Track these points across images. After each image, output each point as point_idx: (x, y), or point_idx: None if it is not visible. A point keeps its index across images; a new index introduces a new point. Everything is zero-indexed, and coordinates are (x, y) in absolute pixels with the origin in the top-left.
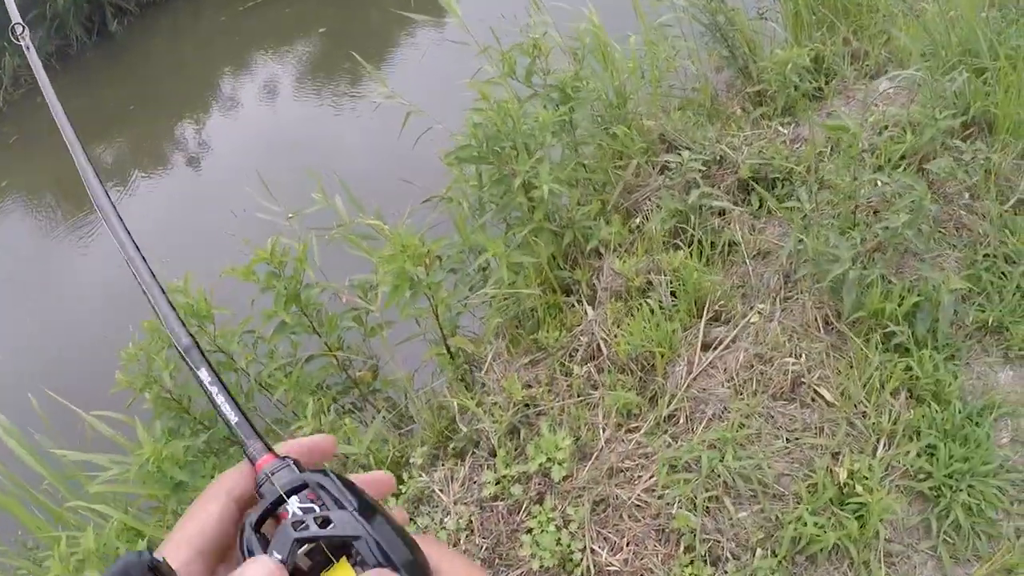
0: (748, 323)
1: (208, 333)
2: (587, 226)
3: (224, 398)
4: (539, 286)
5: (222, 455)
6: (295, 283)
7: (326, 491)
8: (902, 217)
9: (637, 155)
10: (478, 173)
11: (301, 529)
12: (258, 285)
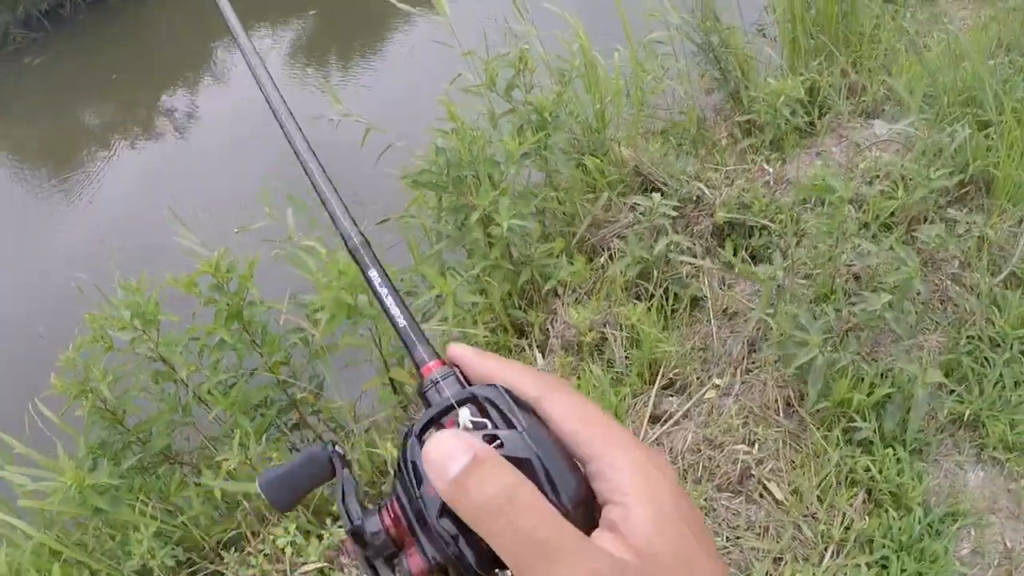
0: (703, 397)
1: (151, 339)
2: (546, 264)
3: (393, 300)
4: (490, 323)
5: (150, 474)
6: (238, 300)
7: (496, 407)
8: (884, 298)
9: (608, 188)
10: (438, 198)
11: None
12: (199, 299)
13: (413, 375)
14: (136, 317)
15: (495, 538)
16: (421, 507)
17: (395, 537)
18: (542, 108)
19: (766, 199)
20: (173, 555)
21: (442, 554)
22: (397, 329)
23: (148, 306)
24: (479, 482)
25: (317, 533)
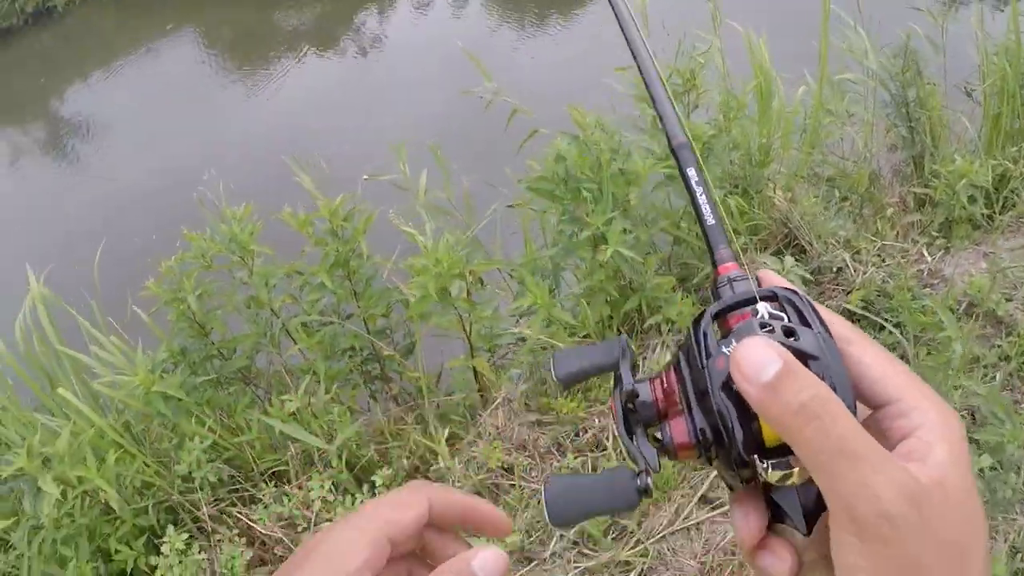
0: None
1: (247, 265)
2: (657, 297)
3: (705, 200)
4: (583, 341)
5: (223, 388)
6: (348, 249)
7: (795, 308)
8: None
9: (749, 233)
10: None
11: (767, 331)
12: (311, 239)
13: (494, 365)
14: (233, 243)
15: (803, 441)
16: (706, 378)
17: (661, 409)
18: (699, 134)
19: (910, 294)
20: (218, 471)
21: (712, 428)
22: (704, 226)
23: (243, 236)
24: (793, 389)
25: (352, 492)
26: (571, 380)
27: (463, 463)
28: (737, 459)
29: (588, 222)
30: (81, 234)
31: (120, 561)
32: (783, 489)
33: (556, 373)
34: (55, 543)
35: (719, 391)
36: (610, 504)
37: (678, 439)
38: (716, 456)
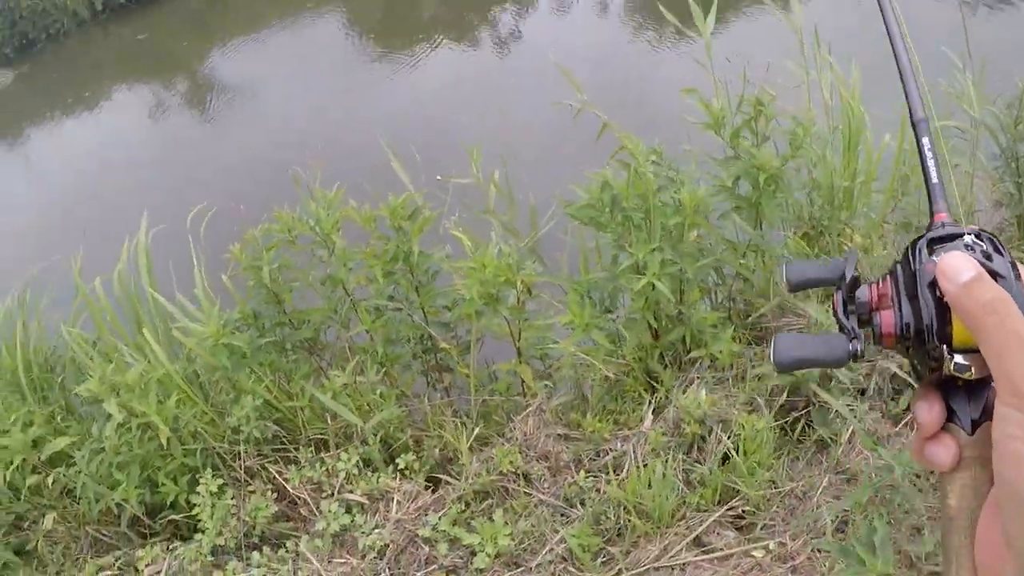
0: (750, 551)
1: (328, 247)
2: (703, 331)
3: (933, 164)
4: (620, 363)
5: (288, 355)
6: (408, 244)
7: (993, 243)
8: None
9: None
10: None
11: (968, 251)
12: (373, 233)
13: (542, 373)
14: (318, 224)
15: (984, 329)
16: (916, 278)
17: (873, 305)
18: (763, 166)
19: None
20: (265, 428)
21: (915, 318)
22: (928, 184)
23: (327, 223)
24: (981, 290)
25: (374, 467)
26: (799, 286)
27: (481, 461)
28: (931, 349)
29: (630, 252)
30: (198, 188)
31: (164, 493)
32: (957, 394)
33: (788, 277)
34: (111, 466)
35: (925, 288)
36: (825, 355)
37: (885, 328)
38: (912, 346)
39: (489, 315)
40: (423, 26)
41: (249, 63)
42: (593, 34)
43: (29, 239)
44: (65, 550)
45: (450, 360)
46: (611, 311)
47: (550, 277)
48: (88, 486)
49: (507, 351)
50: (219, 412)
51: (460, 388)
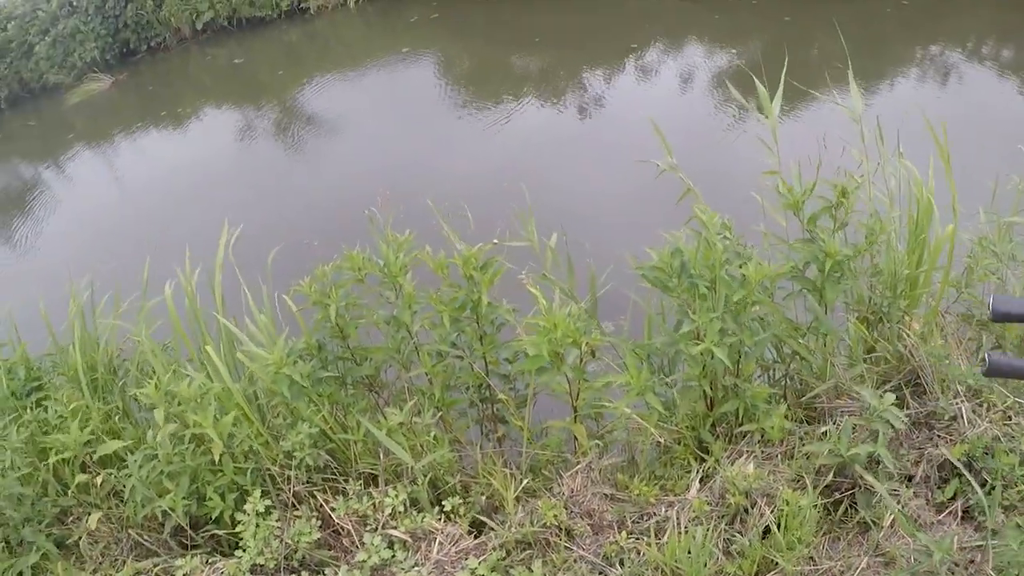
0: None
1: (394, 290)
2: (756, 405)
3: None
4: (672, 430)
5: (348, 390)
6: (477, 295)
7: None
8: None
9: (869, 363)
10: None
11: None
12: (445, 279)
13: (595, 432)
14: (387, 267)
15: None
16: None
17: None
18: (832, 253)
19: (1019, 459)
20: (317, 456)
21: None
22: None
23: (396, 267)
24: None
25: (420, 507)
26: (1005, 319)
27: (526, 512)
28: None
29: (693, 318)
30: (274, 215)
31: (210, 507)
32: None
33: (994, 306)
34: (161, 474)
35: None
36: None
37: None
38: None
39: (552, 372)
40: (512, 80)
41: (339, 99)
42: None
43: (105, 242)
44: (105, 549)
45: (505, 412)
46: (667, 377)
47: (614, 340)
48: (137, 489)
49: (560, 408)
50: (274, 435)
51: (513, 440)
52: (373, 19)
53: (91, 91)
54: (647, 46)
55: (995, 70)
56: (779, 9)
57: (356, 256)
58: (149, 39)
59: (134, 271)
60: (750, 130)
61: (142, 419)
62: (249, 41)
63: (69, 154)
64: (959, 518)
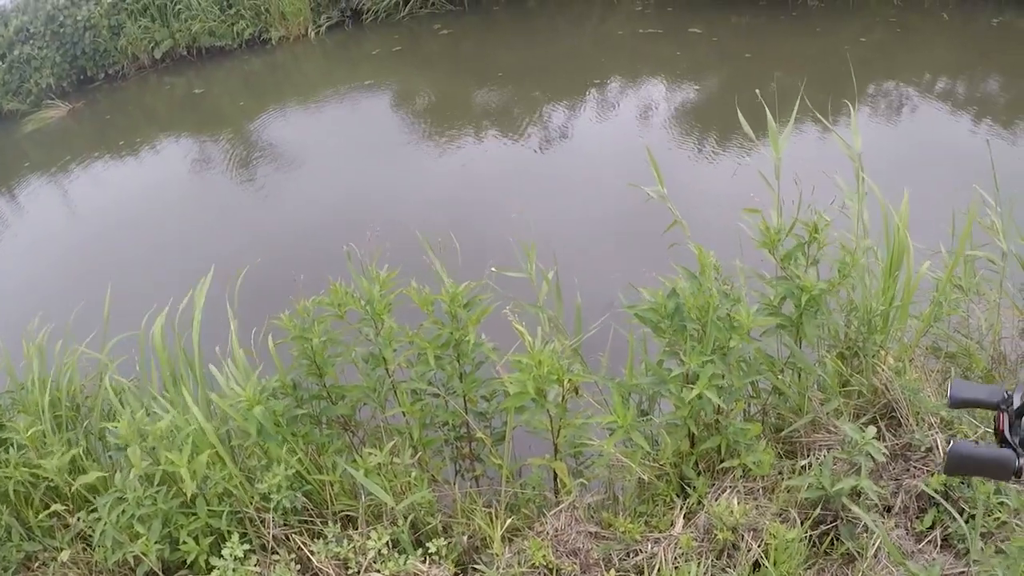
0: None
1: (375, 327)
2: (738, 441)
3: None
4: (653, 466)
5: (323, 428)
6: (460, 333)
7: None
8: None
9: (844, 396)
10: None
11: None
12: (430, 316)
13: (574, 470)
14: (369, 304)
15: None
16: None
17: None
18: (808, 288)
19: (994, 486)
20: (294, 499)
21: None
22: None
23: (379, 305)
24: None
25: (403, 549)
26: (961, 404)
27: (513, 553)
28: None
29: (684, 360)
30: (232, 247)
31: (184, 552)
32: None
33: (952, 394)
34: (132, 517)
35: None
36: (993, 472)
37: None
38: None
39: (534, 410)
40: (472, 114)
41: (301, 130)
42: (640, 139)
43: (60, 274)
44: None
45: (482, 450)
46: (647, 414)
47: (599, 378)
48: (107, 533)
49: (537, 445)
50: (248, 478)
51: (490, 478)
52: (334, 51)
53: (47, 119)
54: (608, 81)
55: (948, 106)
56: (739, 46)
57: (339, 289)
58: (107, 67)
59: (93, 303)
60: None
61: (106, 460)
62: (209, 71)
63: (23, 182)
64: (938, 546)
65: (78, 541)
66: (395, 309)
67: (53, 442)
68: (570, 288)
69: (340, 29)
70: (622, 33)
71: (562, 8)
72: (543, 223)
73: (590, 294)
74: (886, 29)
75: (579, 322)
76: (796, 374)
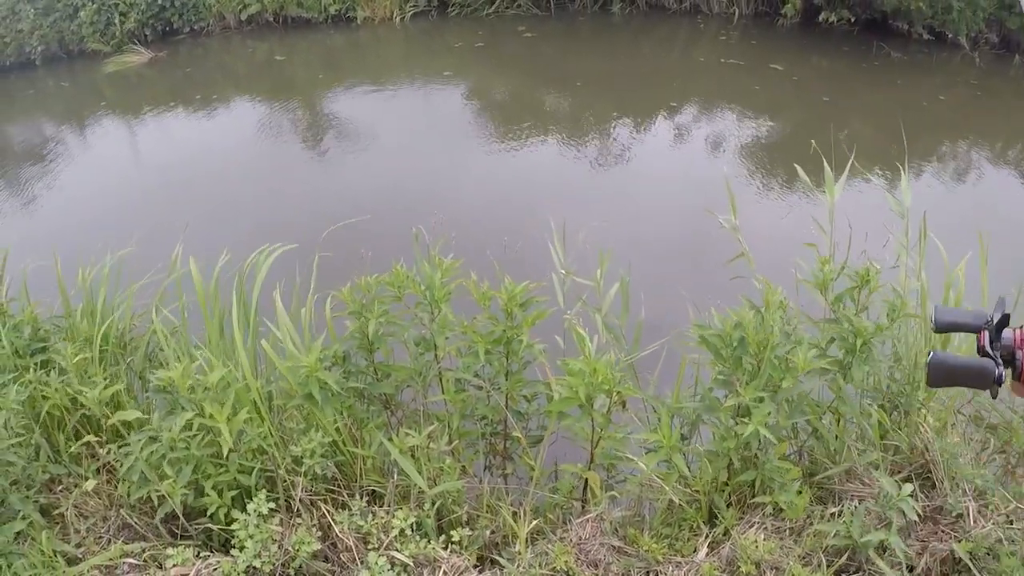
0: None
1: (432, 314)
2: (774, 480)
3: None
4: (687, 492)
5: (365, 403)
6: (513, 331)
7: None
8: None
9: (882, 450)
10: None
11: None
12: (485, 311)
13: (605, 482)
14: (429, 290)
15: None
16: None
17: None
18: (860, 332)
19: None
20: (325, 467)
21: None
22: None
23: (440, 292)
24: None
25: (425, 533)
26: (946, 328)
27: (536, 554)
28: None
29: (739, 392)
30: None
31: (208, 502)
32: None
33: (936, 317)
34: (163, 458)
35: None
36: (974, 380)
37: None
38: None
39: (580, 417)
40: (545, 119)
41: (374, 110)
42: (705, 165)
43: (122, 218)
44: (92, 526)
45: (515, 449)
46: (686, 439)
47: (647, 396)
48: (135, 468)
49: (570, 452)
50: (283, 439)
51: (518, 478)
52: (416, 38)
53: (128, 63)
54: (685, 105)
55: (1021, 174)
56: (818, 88)
57: (402, 272)
58: (193, 22)
59: (152, 248)
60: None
61: (144, 398)
62: (292, 40)
63: (97, 120)
64: None
65: (104, 472)
66: (451, 299)
67: (96, 372)
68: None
69: (425, 18)
70: (704, 60)
71: (647, 27)
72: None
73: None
74: (967, 90)
75: (638, 338)
76: (837, 420)
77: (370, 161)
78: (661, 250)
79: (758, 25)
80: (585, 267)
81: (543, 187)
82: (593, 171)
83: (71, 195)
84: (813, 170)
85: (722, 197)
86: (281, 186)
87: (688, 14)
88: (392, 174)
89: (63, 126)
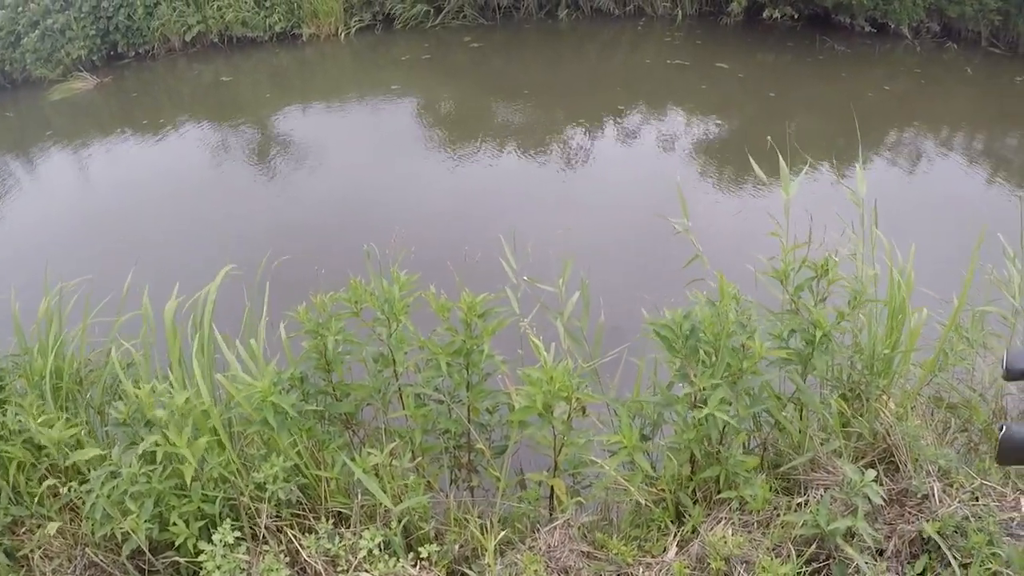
0: None
1: (390, 329)
2: (737, 473)
3: None
4: (652, 491)
5: (325, 423)
6: (473, 343)
7: None
8: None
9: (844, 438)
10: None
11: None
12: (444, 323)
13: (571, 488)
14: (388, 303)
15: None
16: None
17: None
18: (821, 323)
19: (988, 538)
20: (289, 492)
21: None
22: None
23: (398, 305)
24: None
25: (394, 551)
26: (1018, 377)
27: (505, 565)
28: None
29: (694, 381)
30: (260, 239)
31: (173, 534)
32: None
33: (1008, 364)
34: (124, 493)
35: None
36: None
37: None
38: None
39: (540, 425)
40: (495, 128)
41: (323, 127)
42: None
43: (72, 246)
44: (58, 567)
45: (480, 461)
46: (648, 439)
47: (608, 399)
48: (98, 506)
49: (537, 460)
50: (245, 466)
51: (485, 490)
52: (362, 53)
53: (74, 90)
54: (633, 108)
55: (966, 157)
56: (764, 84)
57: (359, 286)
58: (138, 46)
59: (103, 278)
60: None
61: (103, 434)
62: (237, 60)
63: (44, 150)
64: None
65: (67, 511)
66: (411, 313)
67: (51, 413)
68: (593, 309)
69: (371, 32)
70: (650, 62)
71: (593, 32)
72: (559, 242)
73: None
74: (910, 79)
75: (597, 344)
76: (798, 411)
77: (322, 178)
78: (618, 254)
79: (702, 25)
80: (547, 274)
81: (498, 196)
82: (548, 178)
83: (17, 228)
84: (765, 165)
85: (677, 198)
86: (233, 208)
87: (632, 17)
88: (344, 190)
89: (8, 157)
